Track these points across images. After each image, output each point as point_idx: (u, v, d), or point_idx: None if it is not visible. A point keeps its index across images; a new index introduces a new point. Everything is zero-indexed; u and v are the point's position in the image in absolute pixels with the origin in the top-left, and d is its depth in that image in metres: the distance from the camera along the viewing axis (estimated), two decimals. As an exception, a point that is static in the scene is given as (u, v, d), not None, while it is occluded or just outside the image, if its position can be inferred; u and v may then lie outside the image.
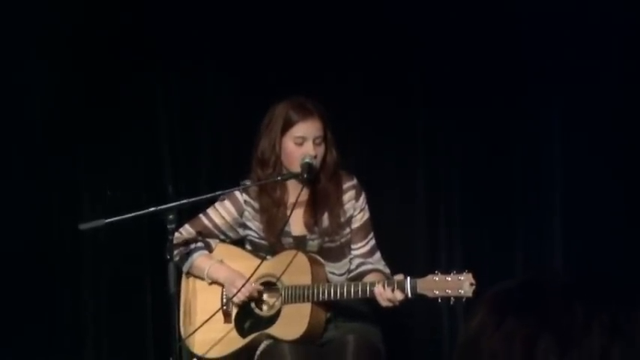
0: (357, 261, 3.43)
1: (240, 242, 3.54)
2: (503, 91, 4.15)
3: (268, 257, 3.37)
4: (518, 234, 4.22)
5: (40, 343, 4.36)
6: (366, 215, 3.45)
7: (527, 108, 4.16)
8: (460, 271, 3.06)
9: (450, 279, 3.05)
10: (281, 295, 3.35)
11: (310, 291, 3.27)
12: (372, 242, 3.45)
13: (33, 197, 4.30)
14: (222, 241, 3.53)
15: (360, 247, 3.43)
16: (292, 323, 3.30)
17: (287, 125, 3.33)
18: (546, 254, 4.18)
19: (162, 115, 4.32)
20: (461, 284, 3.03)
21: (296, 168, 3.31)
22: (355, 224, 3.43)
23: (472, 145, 4.20)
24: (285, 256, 3.36)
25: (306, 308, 3.29)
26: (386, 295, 3.10)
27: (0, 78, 4.23)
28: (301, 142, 3.32)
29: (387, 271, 3.39)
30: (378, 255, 3.44)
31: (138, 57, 4.25)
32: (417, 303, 3.16)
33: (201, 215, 3.50)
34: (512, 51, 4.08)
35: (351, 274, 3.42)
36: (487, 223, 4.20)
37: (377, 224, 3.50)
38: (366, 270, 3.39)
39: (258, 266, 3.31)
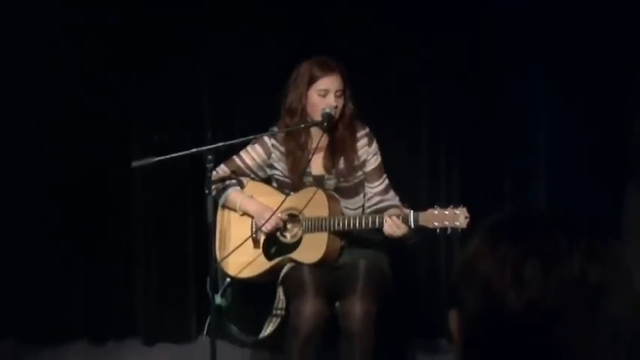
0: (376, 198, 3.42)
1: (267, 180, 3.55)
2: (496, 54, 4.10)
3: (292, 193, 3.38)
4: (507, 174, 4.20)
5: (96, 265, 4.42)
6: (379, 158, 3.44)
7: (516, 69, 4.12)
8: (456, 206, 3.05)
9: (447, 212, 3.04)
10: (302, 225, 3.37)
11: (327, 222, 3.28)
12: (386, 181, 3.44)
13: (94, 140, 4.32)
14: (253, 179, 3.54)
15: (377, 186, 3.42)
16: (312, 249, 3.32)
17: (312, 80, 3.31)
18: (531, 192, 4.18)
19: (202, 72, 4.30)
20: (457, 217, 3.03)
21: (319, 117, 3.30)
22: (370, 167, 3.43)
23: (469, 100, 4.17)
24: (306, 193, 3.37)
25: (323, 237, 3.31)
26: (392, 224, 3.11)
27: (67, 39, 4.25)
28: (324, 95, 3.31)
29: (400, 204, 3.38)
30: (392, 192, 3.43)
31: (182, 20, 4.22)
32: (419, 233, 3.16)
33: (234, 157, 3.51)
34: (510, 33, 4.06)
35: (372, 209, 3.40)
36: (481, 165, 4.19)
37: (387, 166, 3.48)
38: (385, 206, 3.36)
39: (283, 201, 3.32)
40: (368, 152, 3.42)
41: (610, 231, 1.04)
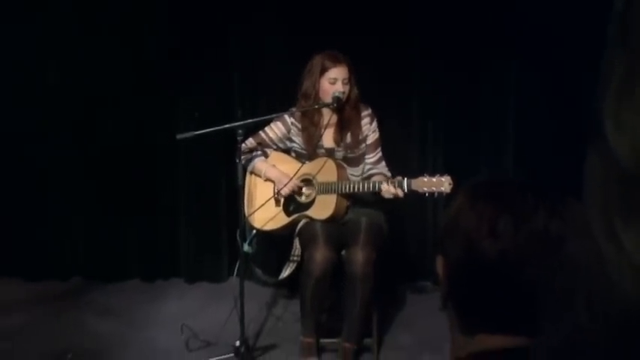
0: (367, 167, 3.43)
1: (287, 152, 3.54)
2: (478, 45, 4.04)
3: (307, 162, 3.37)
4: (483, 147, 4.17)
5: (148, 219, 4.44)
6: (377, 134, 3.43)
7: (493, 61, 4.08)
8: (442, 174, 3.05)
9: (435, 179, 3.04)
10: (315, 188, 3.37)
11: (336, 186, 3.28)
12: (380, 154, 3.43)
13: (144, 117, 4.31)
14: (275, 150, 3.53)
15: (372, 157, 3.42)
16: (323, 208, 3.32)
17: (323, 70, 3.30)
18: (502, 163, 4.15)
19: (234, 60, 4.27)
20: (442, 183, 3.02)
21: (329, 100, 3.29)
22: (369, 141, 3.41)
23: (452, 87, 4.13)
24: (319, 162, 3.36)
25: (332, 198, 3.31)
26: (389, 190, 3.11)
27: (130, 32, 4.22)
28: (334, 82, 3.29)
29: (389, 174, 3.38)
30: (383, 163, 3.43)
31: (216, 16, 4.19)
32: (410, 196, 3.16)
33: (260, 131, 3.50)
34: (487, 21, 3.98)
35: (364, 176, 3.42)
36: (462, 139, 4.16)
37: (385, 141, 3.47)
38: (373, 173, 3.40)
39: (300, 168, 3.32)
40: (369, 129, 3.41)
41: (572, 193, 1.03)
